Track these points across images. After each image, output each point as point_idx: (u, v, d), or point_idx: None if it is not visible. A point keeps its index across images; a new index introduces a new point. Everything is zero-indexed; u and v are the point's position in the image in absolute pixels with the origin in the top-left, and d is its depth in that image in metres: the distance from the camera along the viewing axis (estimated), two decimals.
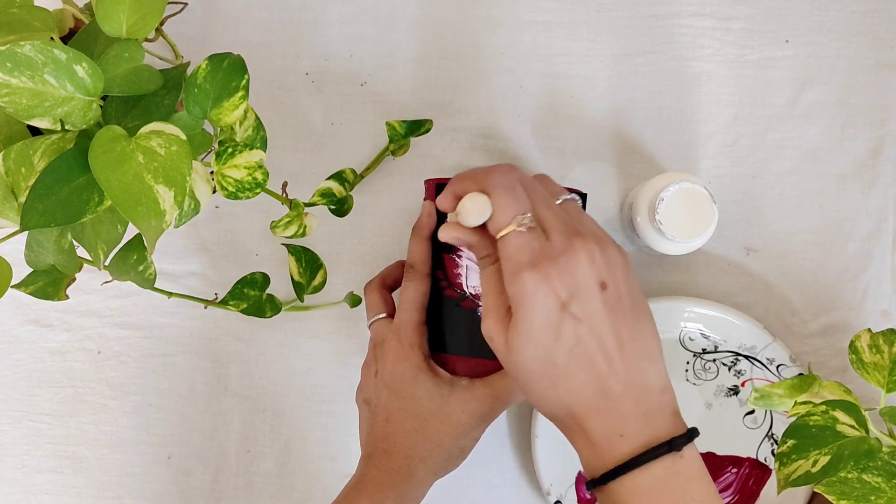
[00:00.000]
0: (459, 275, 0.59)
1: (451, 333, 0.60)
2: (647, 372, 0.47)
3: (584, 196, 0.62)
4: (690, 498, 0.46)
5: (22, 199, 0.47)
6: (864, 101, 0.70)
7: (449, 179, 0.60)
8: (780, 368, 0.67)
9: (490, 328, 0.49)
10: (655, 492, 0.45)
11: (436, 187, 0.61)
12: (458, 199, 0.50)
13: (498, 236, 0.48)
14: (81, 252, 0.58)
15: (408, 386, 0.58)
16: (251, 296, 0.68)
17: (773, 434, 0.68)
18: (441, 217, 0.60)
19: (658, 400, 0.47)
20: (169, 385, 0.70)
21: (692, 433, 0.47)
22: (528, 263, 0.46)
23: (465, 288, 0.59)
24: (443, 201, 0.51)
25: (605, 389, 0.47)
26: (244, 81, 0.53)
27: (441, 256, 0.60)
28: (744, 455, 0.68)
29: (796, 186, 0.70)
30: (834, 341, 0.69)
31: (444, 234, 0.51)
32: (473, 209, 0.48)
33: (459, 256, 0.59)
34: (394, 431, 0.58)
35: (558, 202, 0.51)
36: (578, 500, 0.67)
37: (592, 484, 0.47)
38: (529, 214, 0.48)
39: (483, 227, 0.50)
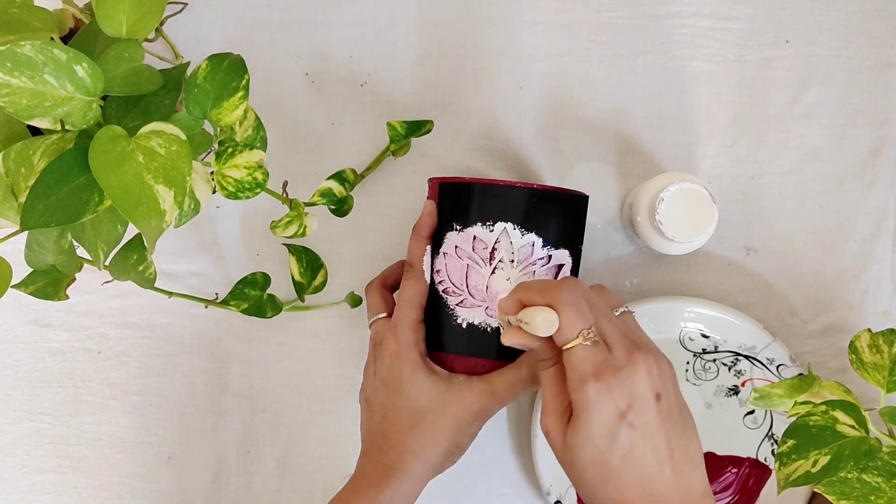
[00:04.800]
0: (460, 274, 0.59)
1: (450, 332, 0.60)
2: (691, 478, 0.51)
3: (586, 198, 0.61)
4: None
5: (22, 199, 0.48)
6: (864, 101, 0.70)
7: (454, 178, 0.60)
8: (780, 368, 0.67)
9: (548, 424, 0.52)
10: None
11: (439, 186, 0.61)
12: (523, 305, 0.53)
13: (564, 348, 0.51)
14: (81, 252, 0.58)
15: (404, 383, 0.59)
16: (252, 296, 0.68)
17: (773, 434, 0.67)
18: (442, 217, 0.61)
19: (699, 503, 0.50)
20: (169, 385, 0.71)
21: None
22: (592, 374, 0.50)
23: (465, 287, 0.59)
24: (506, 305, 0.54)
25: (652, 492, 0.50)
26: (244, 81, 0.53)
27: (441, 256, 0.60)
28: (744, 455, 0.68)
29: (796, 186, 0.70)
30: (834, 341, 0.69)
31: (508, 340, 0.53)
32: (543, 324, 0.51)
33: (460, 256, 0.59)
34: (389, 428, 0.59)
35: (616, 314, 0.55)
36: (578, 501, 0.67)
37: None
38: (594, 328, 0.51)
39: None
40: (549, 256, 0.59)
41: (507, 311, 0.54)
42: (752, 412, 0.68)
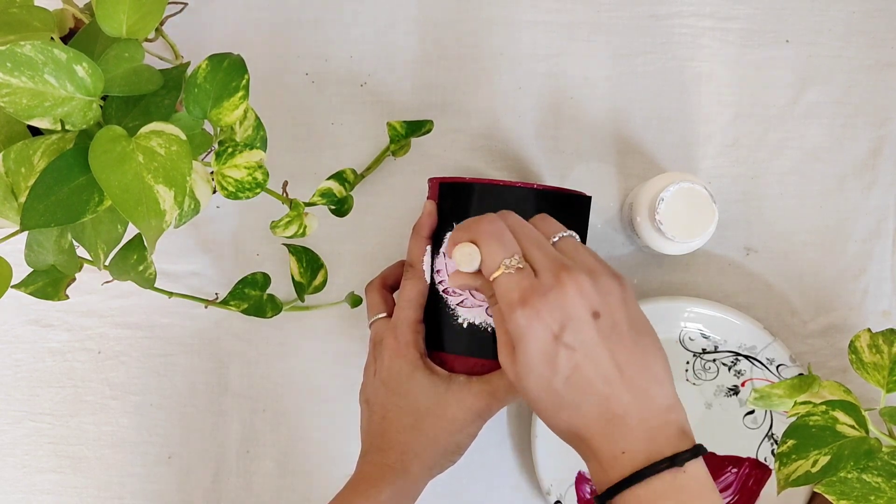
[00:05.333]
0: None
1: (450, 332, 0.60)
2: (651, 393, 0.49)
3: (588, 199, 0.61)
4: None
5: (22, 199, 0.48)
6: (864, 101, 0.70)
7: (454, 178, 0.60)
8: (780, 368, 0.67)
9: (503, 360, 0.51)
10: None
11: (439, 186, 0.61)
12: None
13: (491, 280, 0.51)
14: (81, 252, 0.58)
15: (404, 383, 0.59)
16: (252, 296, 0.68)
17: (773, 434, 0.68)
18: (442, 217, 0.61)
19: (663, 419, 0.49)
20: (169, 385, 0.71)
21: (698, 450, 0.48)
22: (518, 301, 0.49)
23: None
24: (449, 250, 0.54)
25: (608, 412, 0.48)
26: (244, 81, 0.53)
27: (442, 256, 0.60)
28: (744, 455, 0.68)
29: (796, 186, 0.70)
30: (834, 341, 0.69)
31: (452, 281, 0.54)
32: (463, 258, 0.51)
33: None
34: (389, 428, 0.59)
35: (554, 239, 0.53)
36: (578, 500, 0.67)
37: (600, 500, 0.49)
38: (518, 256, 0.50)
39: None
40: None
41: (448, 254, 0.54)
42: (752, 412, 0.68)
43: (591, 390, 0.48)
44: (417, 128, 0.68)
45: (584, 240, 0.61)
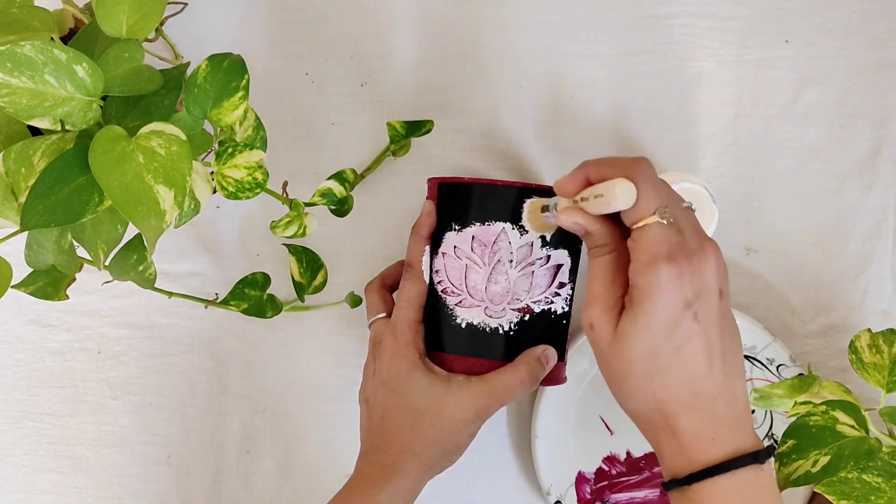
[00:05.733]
0: (459, 274, 0.59)
1: (449, 332, 0.60)
2: (736, 383, 0.49)
3: None
4: None
5: (22, 199, 0.48)
6: (864, 101, 0.70)
7: (453, 178, 0.60)
8: (780, 368, 0.67)
9: (595, 316, 0.49)
10: (736, 499, 0.47)
11: (438, 186, 0.61)
12: (589, 183, 0.50)
13: (637, 225, 0.48)
14: (81, 252, 0.58)
15: (403, 383, 0.59)
16: (252, 296, 0.68)
17: (773, 434, 0.67)
18: (441, 217, 0.61)
19: (743, 413, 0.49)
20: (169, 385, 0.71)
21: (772, 450, 0.49)
22: (665, 256, 0.47)
23: (464, 288, 0.59)
24: (567, 184, 0.50)
25: (699, 390, 0.48)
26: (244, 81, 0.53)
27: (440, 256, 0.60)
28: None
29: (796, 186, 0.70)
30: (834, 341, 0.69)
31: (567, 219, 0.50)
32: (623, 194, 0.47)
33: (459, 256, 0.59)
34: (389, 428, 0.59)
35: (683, 206, 0.51)
36: (578, 500, 0.67)
37: (674, 483, 0.49)
38: (670, 209, 0.48)
39: (605, 216, 0.50)
40: (548, 256, 0.59)
41: (568, 191, 0.50)
42: (752, 412, 0.68)
43: (693, 366, 0.47)
44: (417, 128, 0.68)
45: (581, 243, 0.61)
